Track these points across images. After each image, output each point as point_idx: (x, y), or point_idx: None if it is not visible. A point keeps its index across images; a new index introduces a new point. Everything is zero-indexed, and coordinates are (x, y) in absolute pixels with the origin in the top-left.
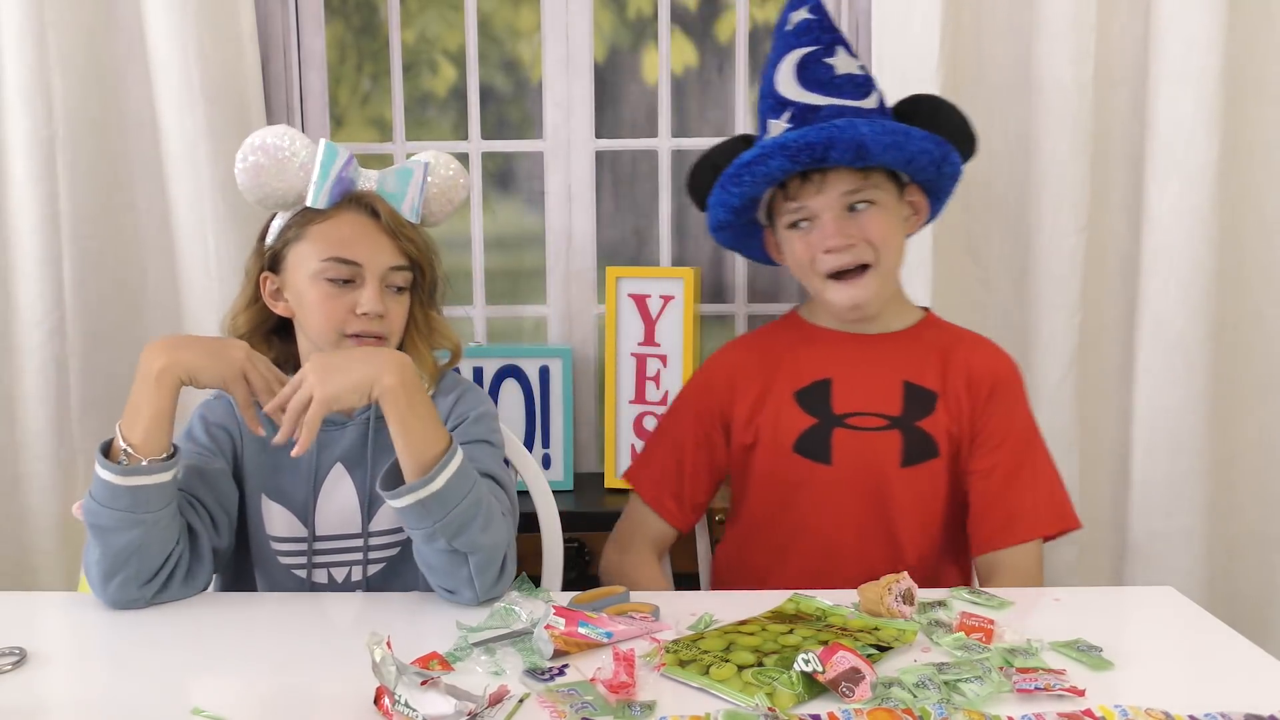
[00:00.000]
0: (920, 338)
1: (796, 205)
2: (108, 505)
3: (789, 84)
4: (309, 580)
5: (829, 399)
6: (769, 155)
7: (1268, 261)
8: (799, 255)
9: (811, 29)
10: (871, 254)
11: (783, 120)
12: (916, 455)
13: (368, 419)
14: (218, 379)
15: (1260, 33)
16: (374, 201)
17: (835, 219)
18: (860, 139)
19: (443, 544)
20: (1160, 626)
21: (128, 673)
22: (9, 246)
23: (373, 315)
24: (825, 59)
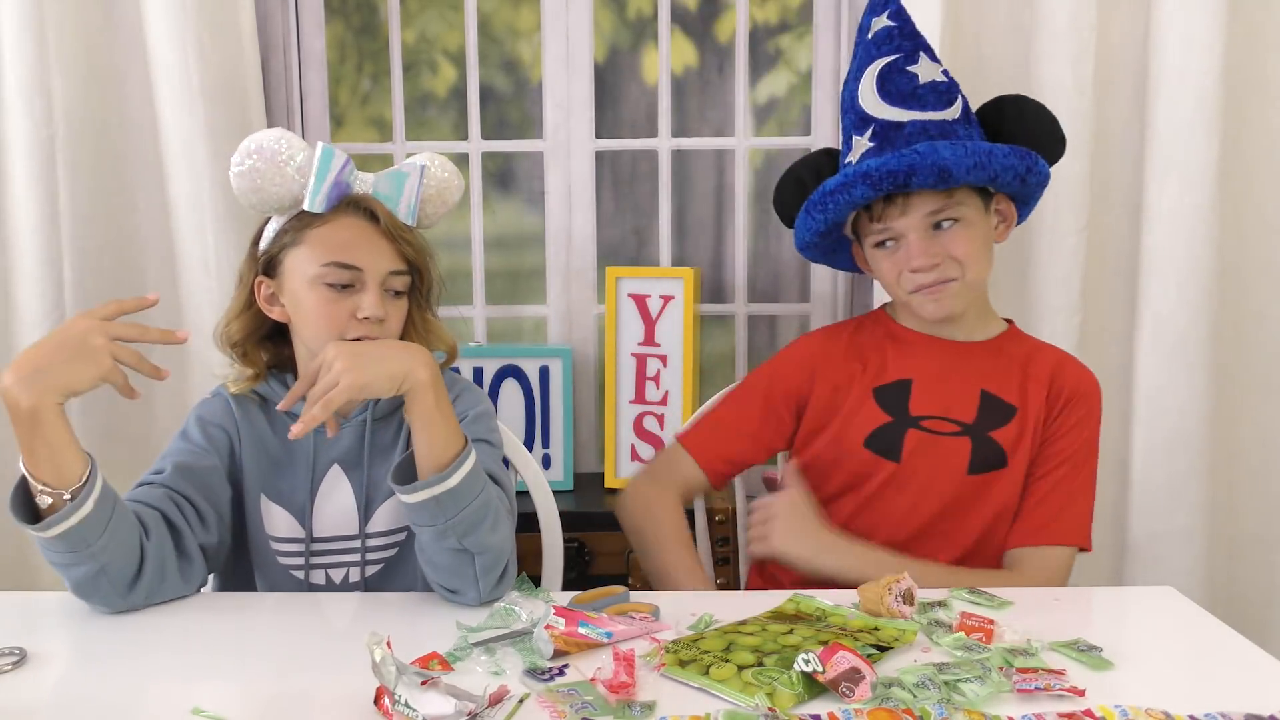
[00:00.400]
0: (1003, 350)
1: (882, 226)
2: (49, 550)
3: (871, 98)
4: (307, 581)
5: (907, 399)
6: (852, 184)
7: (1268, 261)
8: (886, 273)
9: (893, 36)
10: (957, 270)
11: (865, 138)
12: (983, 464)
13: (364, 420)
14: (94, 381)
15: (1260, 33)
16: (372, 205)
17: (920, 239)
18: (942, 164)
19: (452, 542)
20: (1160, 626)
21: (128, 673)
22: (9, 246)
23: (374, 320)
24: (908, 67)
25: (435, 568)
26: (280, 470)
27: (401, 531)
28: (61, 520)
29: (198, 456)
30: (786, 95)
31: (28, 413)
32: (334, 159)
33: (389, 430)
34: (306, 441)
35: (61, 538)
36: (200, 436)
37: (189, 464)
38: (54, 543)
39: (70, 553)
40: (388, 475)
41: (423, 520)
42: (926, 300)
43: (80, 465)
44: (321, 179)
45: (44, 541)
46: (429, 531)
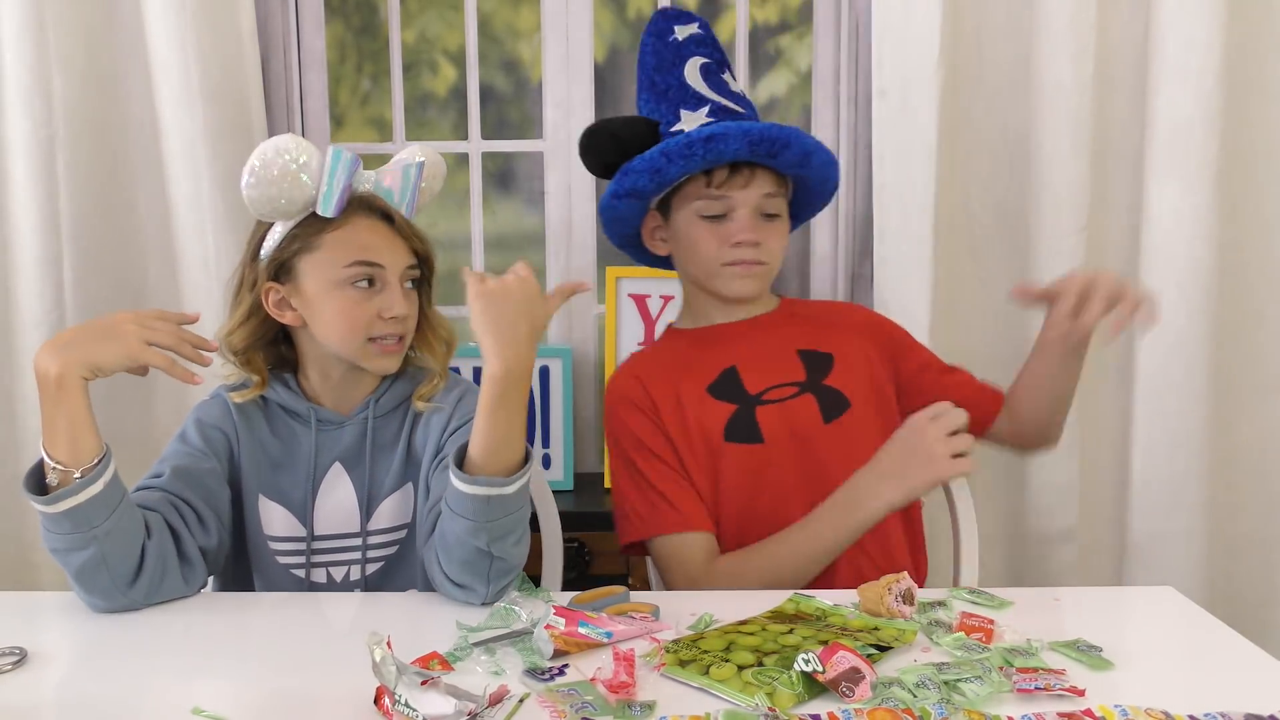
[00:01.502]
0: (794, 313)
1: (720, 195)
2: (53, 531)
3: (700, 85)
4: (307, 580)
5: (740, 383)
6: (731, 136)
7: (1268, 261)
8: (703, 245)
9: (705, 43)
10: (770, 256)
11: (702, 113)
12: (833, 410)
13: (365, 418)
14: (121, 360)
15: (1260, 33)
16: (384, 205)
17: (751, 216)
18: (808, 147)
19: (481, 542)
20: (1160, 626)
21: (128, 673)
22: (9, 246)
23: (401, 317)
24: (720, 74)
25: (452, 560)
26: (280, 469)
27: (402, 530)
28: (70, 495)
29: (196, 460)
30: (786, 95)
31: (54, 381)
32: (346, 161)
33: (391, 427)
34: (307, 439)
35: (67, 515)
36: (198, 439)
37: (187, 467)
38: (59, 520)
39: (74, 534)
40: (388, 471)
41: (463, 511)
42: (738, 274)
43: (95, 448)
44: (334, 183)
45: (50, 520)
46: (464, 524)
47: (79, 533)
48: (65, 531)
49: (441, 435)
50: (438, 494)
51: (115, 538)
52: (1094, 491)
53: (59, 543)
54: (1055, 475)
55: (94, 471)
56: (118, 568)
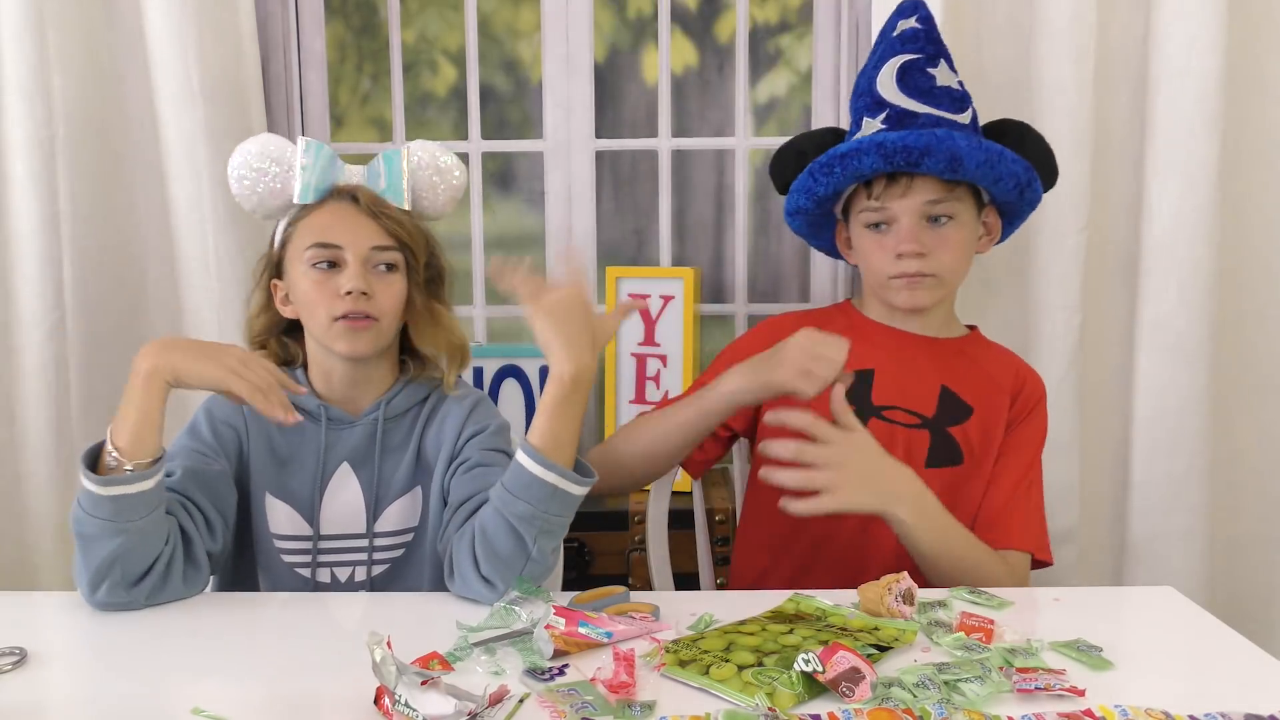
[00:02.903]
0: (964, 351)
1: (879, 205)
2: (90, 513)
3: (889, 86)
4: (313, 579)
5: (869, 389)
6: (864, 151)
7: (1268, 261)
8: (871, 256)
9: (918, 38)
10: (939, 266)
11: (878, 120)
12: (941, 458)
13: (376, 419)
14: (207, 380)
15: (1260, 33)
16: (354, 190)
17: (914, 225)
18: (956, 150)
19: (528, 533)
20: (1160, 626)
21: (128, 673)
22: (9, 246)
23: (356, 293)
24: (927, 69)
25: (491, 553)
26: (288, 467)
27: (409, 533)
28: (123, 483)
29: (207, 461)
30: (786, 95)
31: (142, 375)
32: (317, 151)
33: (401, 430)
34: (316, 438)
35: (113, 501)
36: (210, 435)
37: (198, 469)
38: (103, 504)
39: (110, 521)
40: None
41: (526, 494)
42: (903, 288)
43: (154, 447)
44: (306, 170)
45: (92, 501)
46: (521, 508)
47: (115, 521)
48: (103, 517)
49: (456, 441)
50: (461, 496)
51: (144, 537)
52: (1094, 491)
53: (91, 527)
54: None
55: (148, 470)
56: (131, 566)
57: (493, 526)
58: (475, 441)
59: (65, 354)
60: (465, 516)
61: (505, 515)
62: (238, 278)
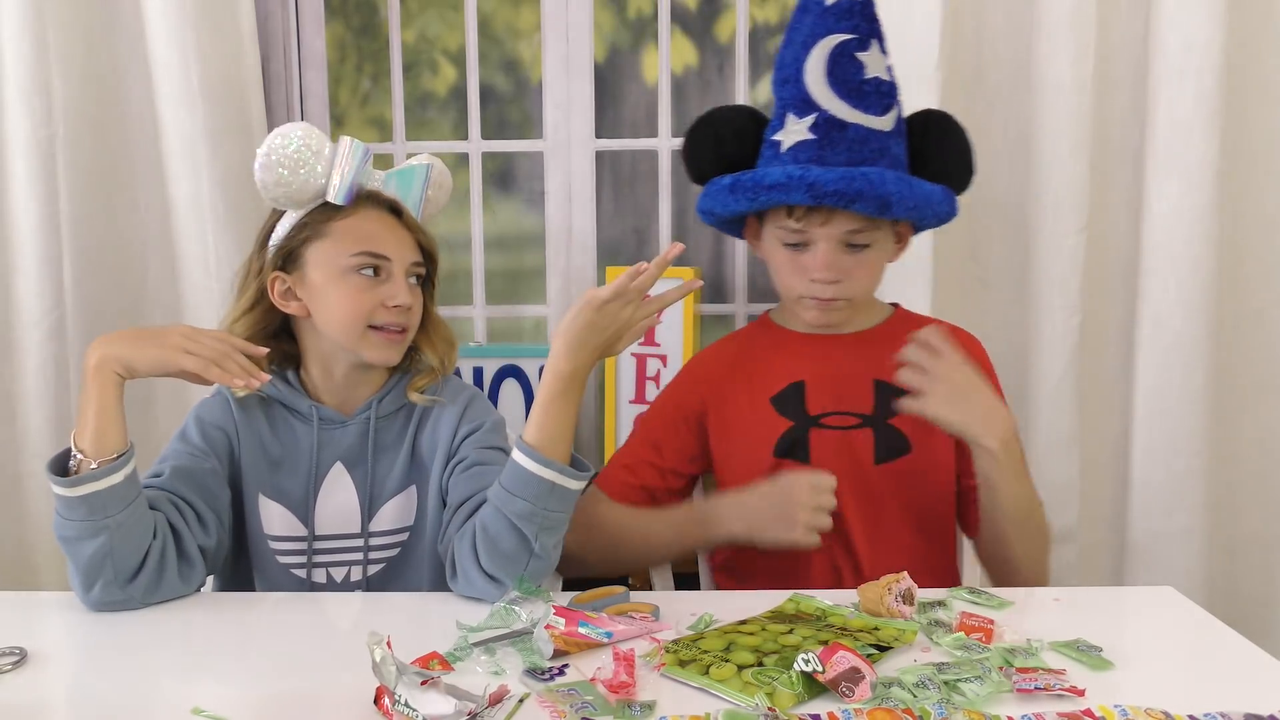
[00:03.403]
0: (890, 335)
1: (799, 229)
2: (67, 517)
3: (818, 80)
4: (308, 580)
5: (803, 401)
6: (792, 188)
7: (1268, 261)
8: (784, 272)
9: (854, 13)
10: (853, 291)
11: (805, 124)
12: (889, 452)
13: (368, 418)
14: (156, 364)
15: (1260, 33)
16: (392, 200)
17: (829, 251)
18: (886, 196)
19: (532, 530)
20: (1160, 626)
21: (128, 673)
22: (9, 246)
23: (404, 306)
24: (858, 52)
25: (494, 551)
26: (281, 468)
27: (404, 531)
28: (90, 480)
29: (197, 460)
30: None
31: (90, 371)
32: (358, 152)
33: (393, 429)
34: (308, 439)
35: (84, 501)
36: (199, 438)
37: (188, 467)
38: (75, 506)
39: (87, 521)
40: (390, 472)
41: (524, 492)
42: (813, 308)
43: (119, 443)
44: (347, 172)
45: (66, 505)
46: (521, 506)
47: (92, 520)
48: (79, 518)
49: (452, 439)
50: (460, 495)
51: (126, 531)
52: (1094, 491)
53: (71, 530)
54: (1055, 475)
55: (114, 464)
56: (122, 562)
57: (494, 525)
58: (471, 440)
59: (65, 354)
60: (466, 516)
61: (505, 513)
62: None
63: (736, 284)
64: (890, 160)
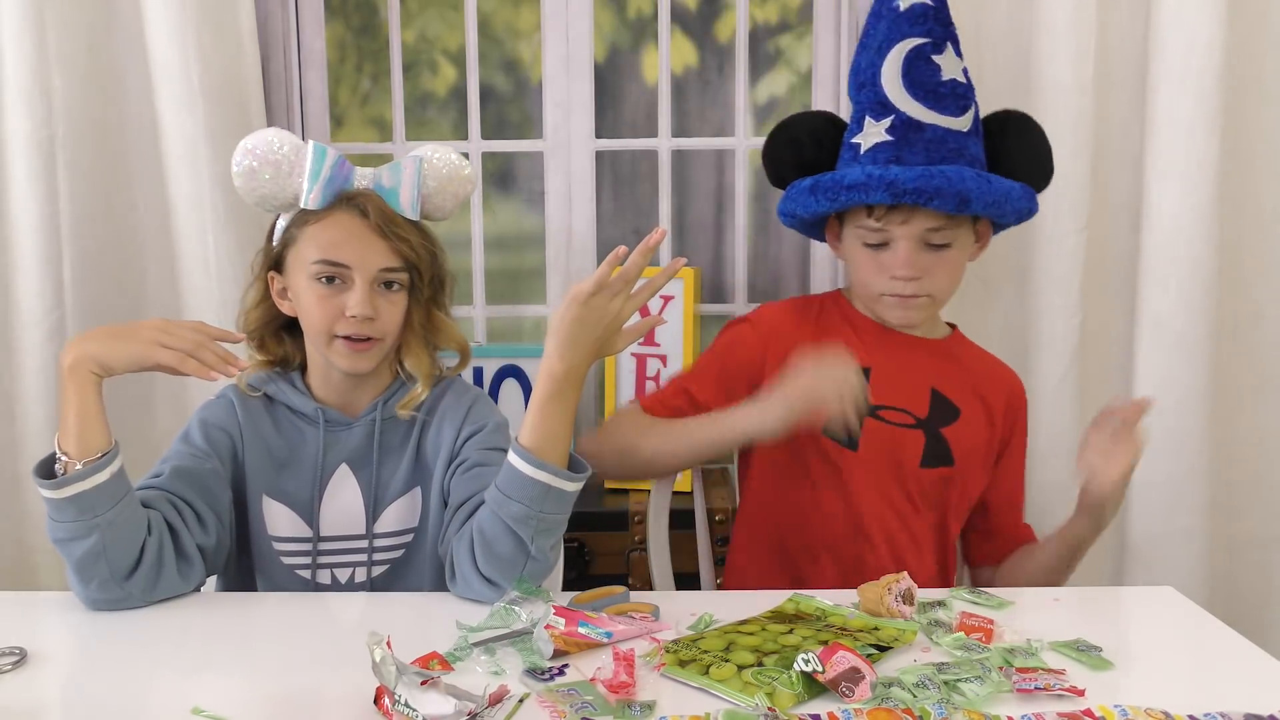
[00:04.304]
0: (950, 353)
1: (879, 228)
2: (57, 519)
3: (894, 84)
4: (313, 581)
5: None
6: (873, 188)
7: (1268, 261)
8: (864, 270)
9: (927, 17)
10: (935, 289)
11: (882, 126)
12: (934, 459)
13: (374, 420)
14: (131, 360)
15: (1260, 33)
16: (365, 201)
17: (911, 250)
18: (965, 192)
19: (525, 533)
20: (1160, 626)
21: (128, 673)
22: (9, 246)
23: (361, 318)
24: (934, 56)
25: (491, 554)
26: (285, 469)
27: (408, 534)
28: (76, 480)
29: (197, 460)
30: (786, 95)
31: (65, 372)
32: (325, 156)
33: (399, 431)
34: (314, 440)
35: (71, 502)
36: (201, 439)
37: (187, 467)
38: (63, 507)
39: (77, 521)
40: (395, 474)
41: (519, 495)
42: (895, 306)
43: (103, 442)
44: (315, 177)
45: (55, 508)
46: (516, 509)
47: (82, 520)
48: (69, 519)
49: (455, 441)
50: (460, 496)
51: (117, 529)
52: None
53: (62, 531)
54: (1055, 475)
55: (98, 463)
56: (117, 560)
57: (490, 528)
58: (474, 441)
59: None
60: (465, 517)
61: (501, 517)
62: (237, 278)
63: (736, 284)
64: (968, 159)
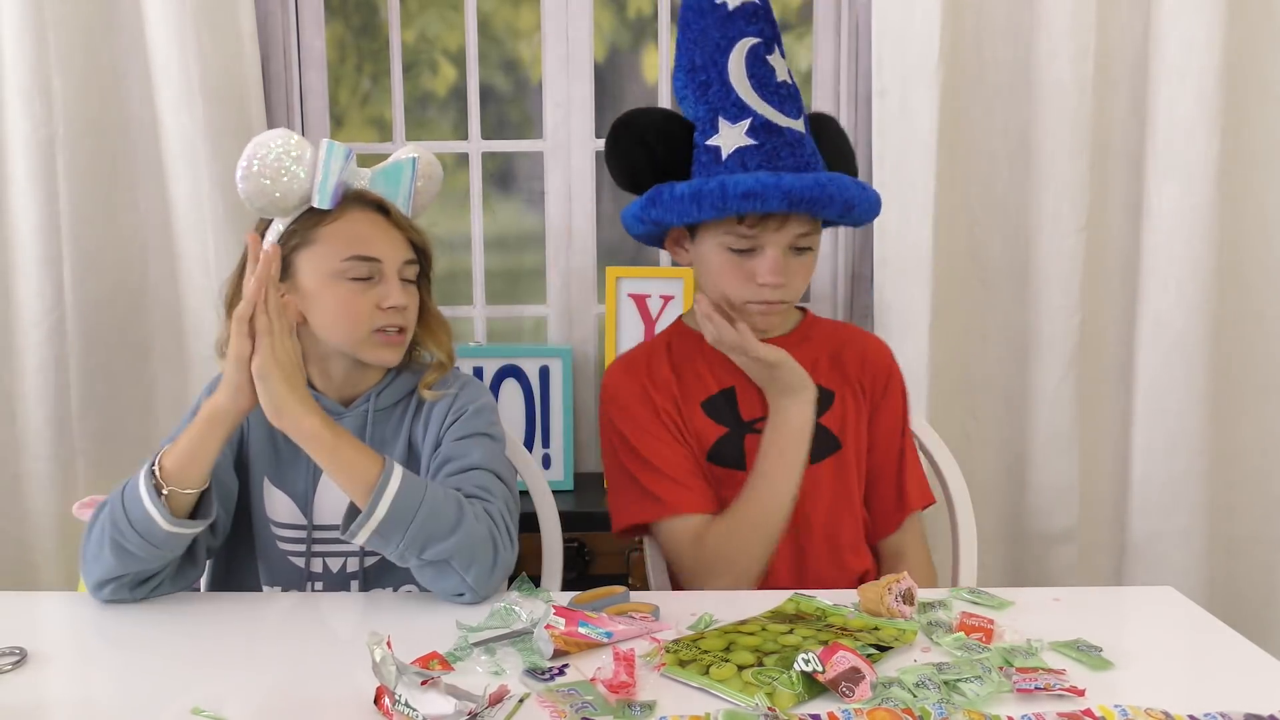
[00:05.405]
0: (808, 338)
1: (751, 234)
2: (143, 535)
3: (743, 84)
4: (307, 569)
5: (736, 407)
6: (768, 196)
7: (1268, 261)
8: (725, 278)
9: (759, 17)
10: (794, 294)
11: (740, 129)
12: (821, 451)
13: (366, 411)
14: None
15: (1260, 33)
16: (378, 199)
17: (779, 257)
18: (849, 200)
19: (414, 561)
20: (1160, 626)
21: (128, 673)
22: (9, 246)
23: (399, 307)
24: (767, 56)
25: (423, 581)
26: (284, 457)
27: None
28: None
29: None
30: None
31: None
32: (339, 154)
33: (391, 422)
34: None
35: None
36: None
37: None
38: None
39: (158, 549)
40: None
41: (379, 549)
42: (757, 313)
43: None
44: (329, 175)
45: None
46: (393, 556)
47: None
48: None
49: (440, 427)
50: None
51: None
52: (1094, 491)
53: (136, 547)
54: (1055, 475)
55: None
56: (143, 576)
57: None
58: (451, 431)
59: (65, 354)
60: None
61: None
62: None
63: None
64: (818, 162)
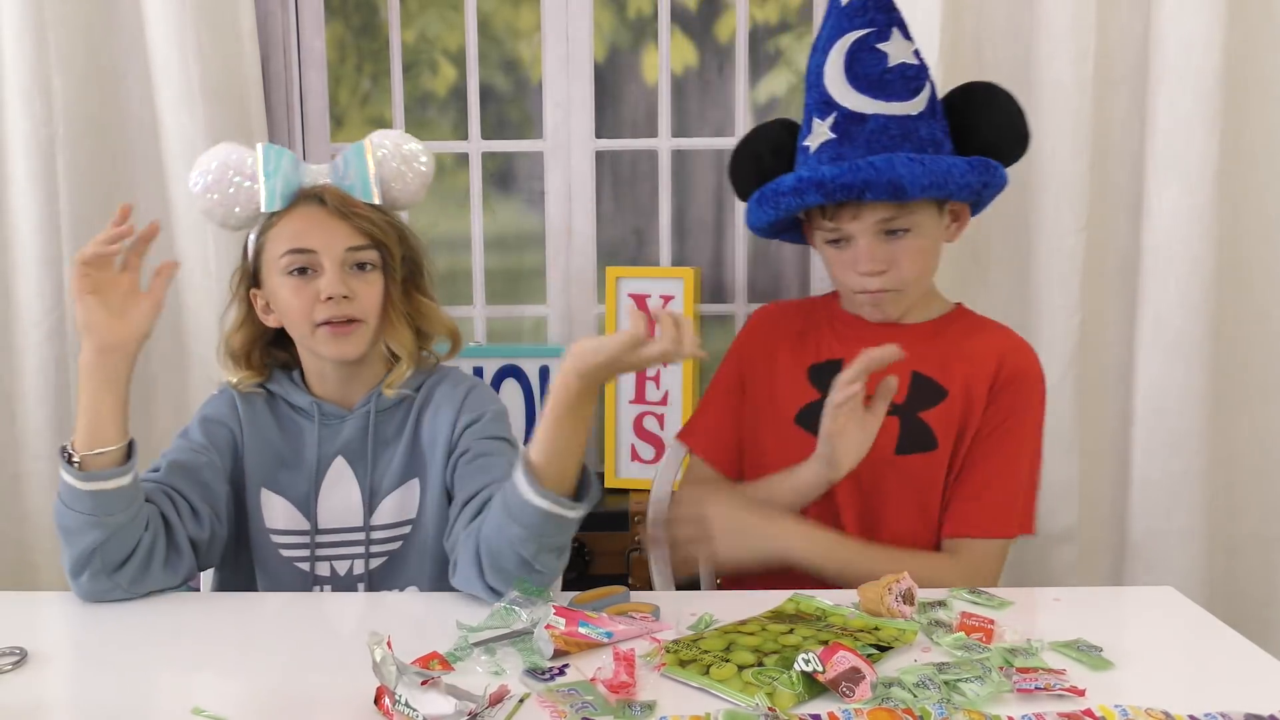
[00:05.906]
0: (942, 332)
1: (833, 226)
2: (70, 506)
3: (837, 80)
4: (311, 573)
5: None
6: (805, 191)
7: (1268, 261)
8: (834, 269)
9: (866, 9)
10: (900, 280)
11: (826, 125)
12: (911, 445)
13: (368, 412)
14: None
15: (1260, 33)
16: (321, 191)
17: (870, 243)
18: (897, 180)
19: (530, 552)
20: (1160, 626)
21: (128, 673)
22: (9, 246)
23: (337, 297)
24: (878, 44)
25: (495, 566)
26: (284, 462)
27: (406, 525)
28: (102, 479)
29: (194, 454)
30: (786, 95)
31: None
32: (278, 156)
33: (393, 422)
34: (311, 433)
35: (93, 495)
36: (200, 435)
37: (183, 461)
38: (83, 498)
39: (90, 515)
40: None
41: (522, 519)
42: (867, 303)
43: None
44: (270, 178)
45: (74, 494)
46: (517, 531)
47: (95, 515)
48: (84, 511)
49: (453, 431)
50: (467, 491)
51: (120, 530)
52: (1094, 491)
53: (72, 520)
54: (1055, 475)
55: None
56: (111, 554)
57: (495, 543)
58: (472, 431)
59: (65, 354)
60: (473, 513)
61: (507, 534)
62: None
63: (736, 284)
64: (916, 143)
